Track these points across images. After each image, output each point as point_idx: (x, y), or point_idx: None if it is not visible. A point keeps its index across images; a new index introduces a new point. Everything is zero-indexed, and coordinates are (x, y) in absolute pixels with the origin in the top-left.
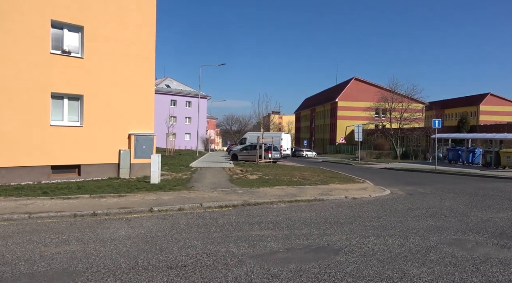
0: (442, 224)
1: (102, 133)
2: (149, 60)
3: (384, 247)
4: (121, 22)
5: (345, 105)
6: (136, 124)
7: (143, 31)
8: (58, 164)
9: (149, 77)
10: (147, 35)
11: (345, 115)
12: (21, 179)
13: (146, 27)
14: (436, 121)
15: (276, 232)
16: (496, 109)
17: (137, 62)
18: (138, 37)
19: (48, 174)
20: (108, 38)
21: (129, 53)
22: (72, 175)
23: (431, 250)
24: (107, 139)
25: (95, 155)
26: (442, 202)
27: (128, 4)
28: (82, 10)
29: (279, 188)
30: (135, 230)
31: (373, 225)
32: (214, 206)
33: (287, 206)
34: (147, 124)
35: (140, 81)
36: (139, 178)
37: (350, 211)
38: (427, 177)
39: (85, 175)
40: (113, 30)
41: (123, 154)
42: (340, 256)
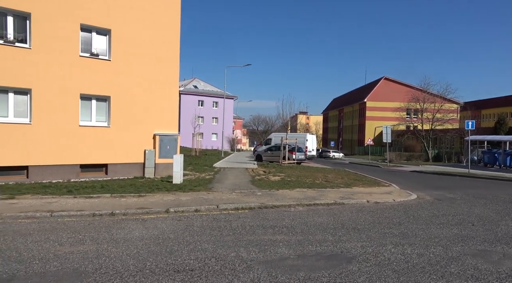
0: (468, 233)
1: (128, 134)
2: (173, 61)
3: (402, 256)
4: (147, 25)
5: (374, 105)
6: (160, 124)
7: (168, 33)
8: (86, 163)
9: (174, 78)
10: (171, 37)
11: (374, 116)
12: (52, 177)
13: (171, 29)
14: (469, 123)
15: (289, 237)
16: None
17: (161, 63)
18: (163, 39)
19: (77, 173)
20: (134, 40)
21: (154, 55)
22: (99, 174)
23: (452, 262)
24: (133, 139)
25: (121, 154)
26: (471, 209)
27: (153, 7)
28: (110, 14)
29: (299, 191)
30: (149, 231)
31: (393, 232)
32: (231, 208)
33: (305, 209)
34: (172, 124)
35: (165, 82)
36: (163, 178)
37: (370, 216)
38: (459, 181)
39: (112, 174)
40: (139, 33)
41: (148, 153)
42: (353, 265)
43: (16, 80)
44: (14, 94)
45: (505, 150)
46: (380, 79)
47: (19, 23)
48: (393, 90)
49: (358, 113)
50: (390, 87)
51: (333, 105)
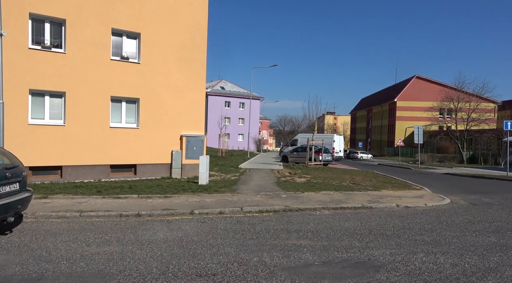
0: (507, 241)
1: (156, 135)
2: (200, 63)
3: (434, 266)
4: (175, 28)
5: (404, 105)
6: (187, 126)
7: (195, 36)
8: (116, 164)
9: (201, 80)
10: (199, 40)
11: (405, 116)
12: (84, 176)
13: (198, 32)
14: (508, 123)
15: (314, 242)
16: None
17: (189, 66)
18: (190, 42)
19: (108, 173)
20: (162, 43)
21: (182, 57)
22: (128, 174)
23: (490, 273)
24: (160, 140)
25: (149, 155)
26: (510, 215)
27: (181, 10)
28: (139, 18)
29: (325, 193)
30: (173, 233)
31: (424, 239)
32: (255, 210)
33: (331, 213)
34: (198, 126)
35: (192, 84)
36: (190, 178)
37: (400, 222)
38: (496, 184)
39: (140, 174)
40: (167, 36)
41: (175, 154)
42: (380, 273)
43: (52, 83)
44: (50, 97)
45: None
46: (411, 78)
47: (55, 29)
48: (425, 89)
49: (387, 113)
50: (422, 86)
51: (361, 106)
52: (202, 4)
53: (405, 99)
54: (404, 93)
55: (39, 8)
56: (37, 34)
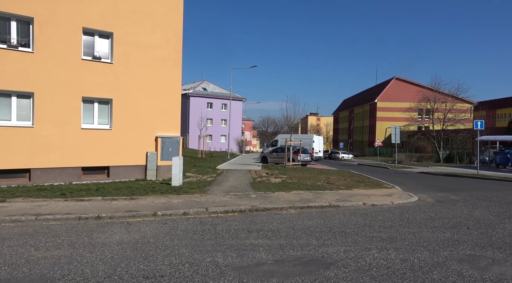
0: (460, 237)
1: (130, 136)
2: (176, 64)
3: (384, 262)
4: (149, 28)
5: (385, 106)
6: (163, 127)
7: (170, 36)
8: (88, 166)
9: (176, 80)
10: (174, 40)
11: (385, 117)
12: (54, 179)
13: (173, 32)
14: (478, 123)
15: (272, 241)
16: None
17: (164, 66)
18: (165, 42)
19: (79, 175)
20: (136, 43)
21: (157, 57)
22: (101, 176)
23: (436, 267)
24: (135, 142)
25: (123, 157)
26: (471, 212)
27: (156, 10)
28: (112, 17)
29: (295, 193)
30: (130, 235)
31: (381, 236)
32: (220, 211)
33: (297, 212)
34: (174, 127)
35: (167, 85)
36: (165, 180)
37: (362, 220)
38: (466, 182)
39: (113, 176)
40: (141, 35)
41: (150, 156)
42: (330, 270)
43: (19, 84)
44: (17, 98)
45: None
46: (391, 79)
47: (22, 28)
48: (404, 90)
49: (368, 114)
50: (402, 87)
51: (343, 106)
52: (177, 4)
53: (385, 100)
54: (384, 94)
55: (4, 5)
56: (3, 33)
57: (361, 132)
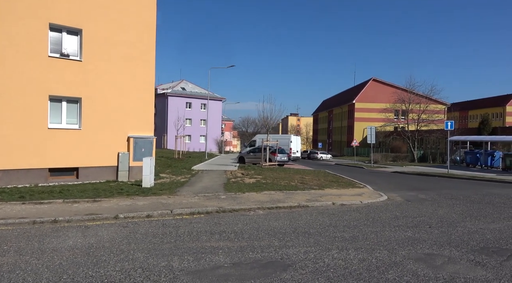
0: (421, 235)
1: (101, 136)
2: (149, 63)
3: (342, 262)
4: (121, 25)
5: (362, 106)
6: (135, 127)
7: (143, 34)
8: (56, 167)
9: (149, 79)
10: (147, 38)
11: (363, 117)
12: (18, 181)
13: (146, 30)
14: (448, 123)
15: (233, 243)
16: None
17: (137, 64)
18: (138, 40)
19: (46, 177)
20: (107, 40)
21: (129, 56)
22: (70, 178)
23: (392, 267)
24: (106, 142)
25: (93, 157)
26: (436, 210)
27: (128, 7)
28: (81, 13)
29: (266, 193)
30: (85, 239)
31: (344, 236)
32: (186, 212)
33: (265, 213)
34: (147, 127)
35: (140, 84)
36: (137, 181)
37: (329, 220)
38: (436, 181)
39: (83, 178)
40: (113, 33)
41: (122, 156)
42: (287, 273)
43: None
44: None
45: (486, 150)
46: (368, 81)
47: None
48: (381, 91)
49: (347, 114)
50: (379, 89)
51: (323, 107)
52: (150, 1)
53: (363, 101)
54: (362, 95)
55: None
56: None
57: (340, 133)
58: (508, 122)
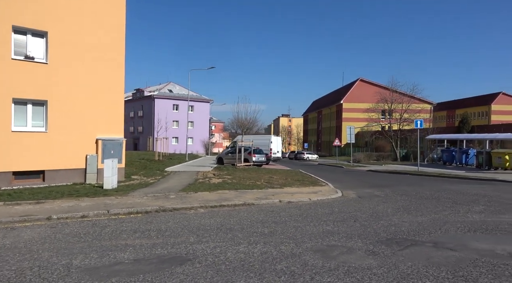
0: (339, 229)
1: (68, 139)
2: (118, 64)
3: (243, 255)
4: (89, 27)
5: (350, 107)
6: (104, 128)
7: (112, 36)
8: (21, 170)
9: (119, 81)
10: (116, 40)
11: (350, 117)
12: None
13: (115, 32)
14: (418, 122)
15: (150, 240)
16: (509, 108)
17: (106, 66)
18: (107, 41)
19: (9, 180)
20: (74, 43)
21: (97, 58)
22: (36, 181)
23: (288, 258)
24: (73, 144)
25: (60, 160)
26: (376, 206)
27: (96, 9)
28: (46, 15)
29: (219, 192)
30: (1, 240)
31: (264, 231)
32: (124, 212)
33: (206, 211)
34: (116, 128)
35: (109, 86)
36: None
37: (263, 216)
38: (402, 179)
39: (49, 181)
40: (80, 35)
41: (90, 159)
42: (182, 267)
43: None
44: None
45: (460, 148)
46: (355, 81)
47: None
48: (368, 91)
49: (335, 115)
50: (365, 89)
51: (312, 108)
52: (119, 3)
53: (350, 101)
54: (349, 95)
55: None
56: None
57: (329, 133)
58: (493, 121)
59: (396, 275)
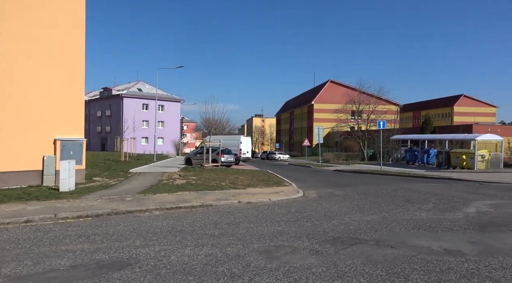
0: (290, 229)
1: (22, 139)
2: (78, 61)
3: (188, 258)
4: (46, 22)
5: (321, 107)
6: (63, 128)
7: (71, 33)
8: None
9: (78, 78)
10: (75, 37)
11: (321, 118)
12: None
13: (74, 28)
14: (380, 123)
15: (93, 245)
16: (469, 110)
17: (64, 63)
18: (66, 38)
19: None
20: (30, 38)
21: (55, 54)
22: None
23: (232, 260)
24: (29, 145)
25: (14, 162)
26: (333, 205)
27: (53, 3)
28: None
29: (179, 194)
30: None
31: (214, 233)
32: (72, 216)
33: (161, 213)
34: (76, 128)
35: (68, 84)
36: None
37: (218, 218)
38: (365, 178)
39: (1, 184)
40: (36, 30)
41: (47, 160)
42: (120, 272)
43: None
44: None
45: (422, 148)
46: (326, 82)
47: None
48: (338, 92)
49: (306, 115)
50: (336, 90)
51: (285, 108)
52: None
53: (321, 102)
54: (320, 96)
55: None
56: None
57: (300, 133)
58: (456, 122)
59: (333, 274)
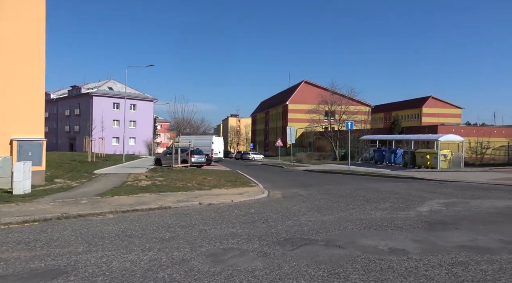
0: (243, 231)
1: None
2: (37, 58)
3: (130, 264)
4: (1, 16)
5: (295, 108)
6: (21, 128)
7: (30, 27)
8: None
9: (38, 77)
10: (34, 31)
11: (295, 118)
12: None
13: (34, 22)
14: (348, 123)
15: (31, 252)
16: (437, 111)
17: (22, 60)
18: (24, 34)
19: None
20: None
21: (12, 50)
22: None
23: (176, 265)
24: None
25: None
26: (294, 206)
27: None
28: None
29: (139, 196)
30: None
31: (164, 236)
32: (17, 221)
33: (115, 216)
34: (36, 128)
35: (26, 82)
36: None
37: (173, 220)
38: (332, 178)
39: None
40: None
41: (2, 161)
42: (53, 281)
43: None
44: None
45: (389, 148)
46: (300, 83)
47: None
48: (312, 93)
49: (281, 115)
50: (309, 90)
51: (260, 108)
52: None
53: (295, 102)
54: (295, 96)
55: None
56: None
57: (275, 133)
58: (424, 122)
59: (275, 276)
